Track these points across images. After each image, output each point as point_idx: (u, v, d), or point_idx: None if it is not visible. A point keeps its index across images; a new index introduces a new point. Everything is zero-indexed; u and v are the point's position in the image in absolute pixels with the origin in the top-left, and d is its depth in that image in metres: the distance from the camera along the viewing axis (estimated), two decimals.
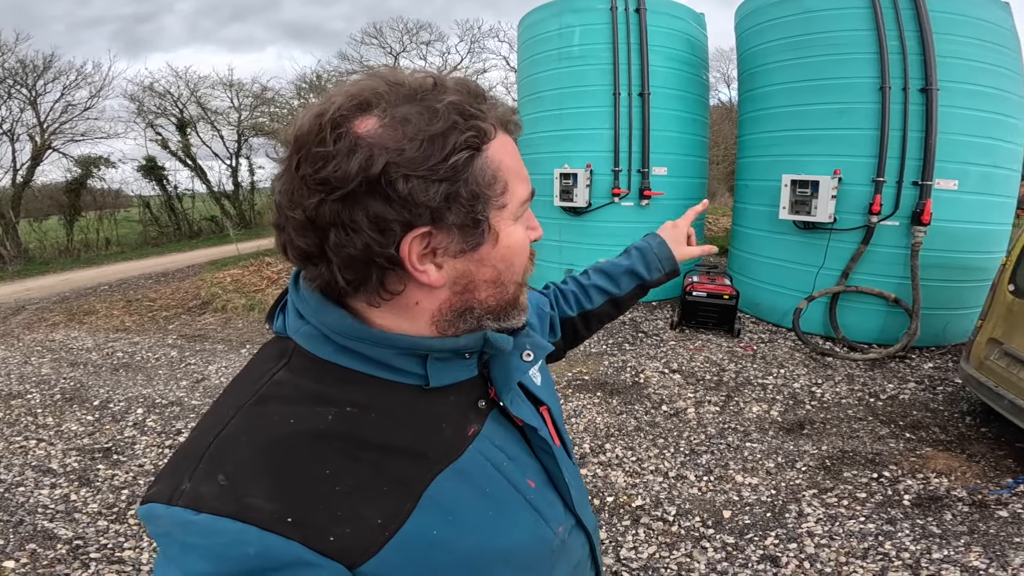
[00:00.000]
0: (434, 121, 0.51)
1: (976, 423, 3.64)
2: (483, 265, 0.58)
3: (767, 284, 5.76)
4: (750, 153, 5.96)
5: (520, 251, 0.62)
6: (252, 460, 0.51)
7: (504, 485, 0.63)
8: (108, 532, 2.68)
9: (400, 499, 0.54)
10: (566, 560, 0.71)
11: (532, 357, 0.67)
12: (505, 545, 0.60)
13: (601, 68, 6.07)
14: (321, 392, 0.56)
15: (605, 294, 1.08)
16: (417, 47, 21.33)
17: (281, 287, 8.57)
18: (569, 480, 0.73)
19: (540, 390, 0.77)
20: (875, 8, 4.71)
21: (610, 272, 1.10)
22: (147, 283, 9.13)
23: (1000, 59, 4.74)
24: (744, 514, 2.78)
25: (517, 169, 0.59)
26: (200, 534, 0.47)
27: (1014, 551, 2.42)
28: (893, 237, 4.90)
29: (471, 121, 0.53)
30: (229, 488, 0.49)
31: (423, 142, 0.51)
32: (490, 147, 0.55)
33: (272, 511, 0.48)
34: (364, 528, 0.51)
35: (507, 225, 0.59)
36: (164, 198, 16.44)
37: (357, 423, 0.55)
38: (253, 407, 0.55)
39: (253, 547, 0.46)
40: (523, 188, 0.60)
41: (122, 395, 4.38)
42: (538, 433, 0.69)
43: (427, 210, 0.52)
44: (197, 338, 6.07)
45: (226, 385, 0.64)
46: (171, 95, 16.10)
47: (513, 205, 0.59)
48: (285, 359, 0.59)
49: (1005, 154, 4.84)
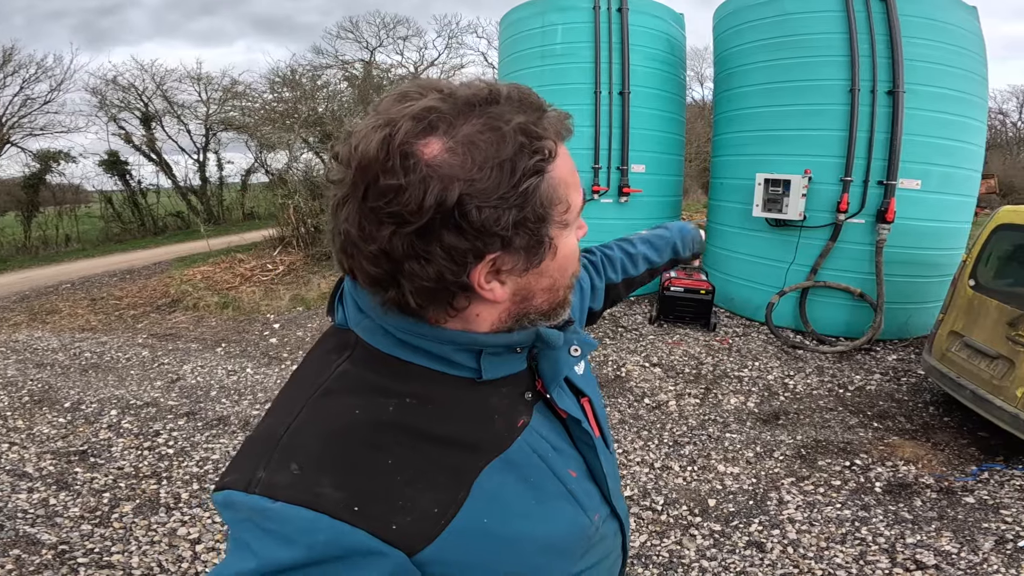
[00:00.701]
0: (503, 147, 0.51)
1: (939, 412, 3.84)
2: (542, 277, 0.60)
3: (741, 279, 5.92)
4: (725, 152, 6.11)
5: (574, 256, 0.63)
6: (321, 451, 0.53)
7: (548, 475, 0.65)
8: (93, 536, 2.63)
9: (454, 488, 0.56)
10: (600, 546, 0.74)
11: (579, 353, 0.69)
12: (546, 533, 0.63)
13: (583, 66, 6.13)
14: (382, 384, 0.59)
15: (649, 263, 1.16)
16: (394, 42, 21.07)
17: (255, 284, 8.41)
18: (607, 471, 0.76)
19: (582, 380, 0.79)
20: (848, 11, 4.85)
21: (656, 244, 1.18)
22: (112, 281, 8.84)
23: (964, 62, 4.95)
24: (728, 502, 2.88)
25: (574, 181, 0.60)
26: (276, 521, 0.49)
27: (983, 536, 2.55)
28: (859, 234, 5.09)
29: (536, 143, 0.53)
30: (301, 477, 0.51)
31: (493, 169, 0.50)
32: (554, 166, 0.56)
33: (339, 500, 0.50)
34: (423, 516, 0.53)
35: (564, 237, 0.60)
36: (127, 193, 15.89)
37: (416, 414, 0.58)
38: (320, 399, 0.57)
39: (323, 534, 0.49)
40: (579, 197, 0.61)
41: (94, 396, 4.25)
42: (580, 425, 0.71)
43: (498, 238, 0.53)
44: (169, 337, 5.91)
45: (290, 375, 0.66)
46: (136, 89, 15.57)
47: (571, 216, 0.60)
48: (348, 352, 0.61)
49: (966, 155, 5.07)
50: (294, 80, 11.52)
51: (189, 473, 3.18)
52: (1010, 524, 2.63)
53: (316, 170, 10.19)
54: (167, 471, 3.20)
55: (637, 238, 1.19)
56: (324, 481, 0.51)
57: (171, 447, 3.47)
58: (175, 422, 3.81)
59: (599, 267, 1.11)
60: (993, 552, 2.44)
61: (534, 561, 0.61)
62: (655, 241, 1.19)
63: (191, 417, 3.88)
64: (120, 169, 15.74)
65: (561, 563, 0.65)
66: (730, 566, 2.42)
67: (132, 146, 15.97)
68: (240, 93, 15.83)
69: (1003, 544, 2.49)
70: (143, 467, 3.24)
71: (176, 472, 3.19)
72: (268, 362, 5.03)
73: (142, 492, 2.99)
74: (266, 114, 11.12)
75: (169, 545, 2.58)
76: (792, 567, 2.40)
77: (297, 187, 9.51)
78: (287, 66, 15.44)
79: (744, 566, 2.42)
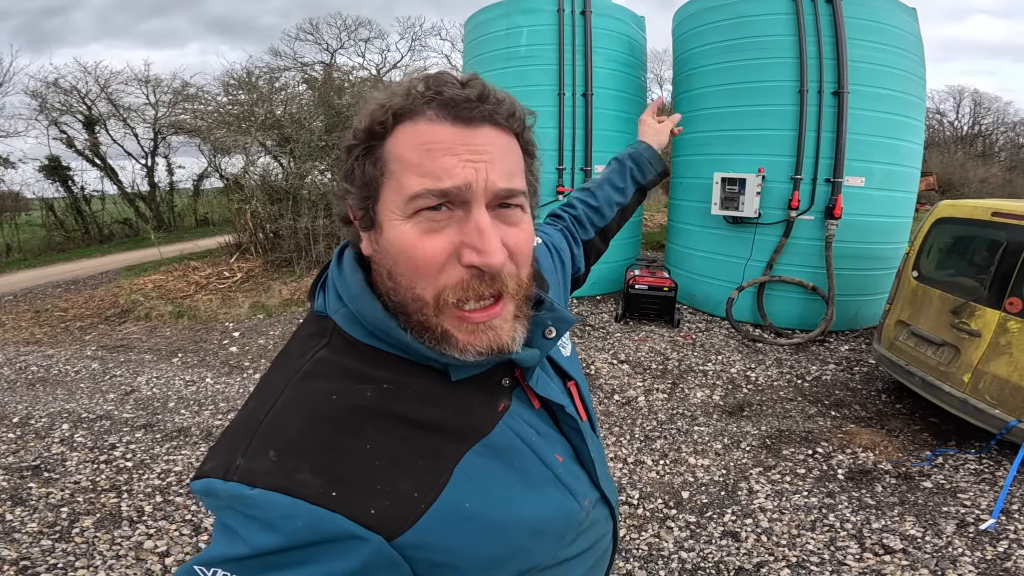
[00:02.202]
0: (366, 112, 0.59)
1: (892, 400, 4.03)
2: (379, 252, 0.61)
3: (702, 276, 6.09)
4: (684, 152, 6.27)
5: (404, 253, 0.57)
6: (299, 436, 0.54)
7: (533, 460, 0.65)
8: (55, 552, 2.52)
9: (434, 473, 0.56)
10: (592, 531, 0.74)
11: (555, 333, 0.68)
12: (534, 517, 0.63)
13: (547, 68, 6.20)
14: (359, 370, 0.59)
15: (616, 205, 1.16)
16: (355, 44, 20.77)
17: (211, 292, 8.12)
18: (594, 455, 0.76)
19: (567, 362, 0.78)
20: (798, 14, 5.07)
21: (615, 182, 1.17)
22: (56, 292, 8.39)
23: (905, 63, 5.23)
24: (701, 494, 2.95)
25: (416, 162, 0.56)
26: (255, 507, 0.50)
27: (944, 519, 2.67)
28: (810, 230, 5.31)
29: (378, 113, 0.58)
30: (279, 464, 0.51)
31: (356, 130, 0.60)
32: (394, 135, 0.58)
33: (318, 485, 0.51)
34: (402, 501, 0.53)
35: (390, 218, 0.58)
36: (70, 200, 15.11)
37: (394, 399, 0.58)
38: (299, 384, 0.58)
39: (302, 520, 0.49)
40: (414, 182, 0.55)
41: (43, 411, 4.03)
42: (565, 411, 0.71)
43: (347, 182, 0.62)
44: (120, 348, 5.66)
45: (274, 358, 0.67)
46: (78, 91, 14.81)
47: (397, 199, 0.57)
48: (326, 339, 0.62)
49: (906, 153, 5.37)
50: (250, 82, 11.18)
51: (151, 486, 3.05)
52: (969, 508, 2.75)
53: (274, 174, 9.91)
54: (127, 484, 3.07)
55: (596, 184, 1.18)
56: (302, 467, 0.51)
57: (129, 460, 3.33)
58: (132, 435, 3.65)
59: (573, 232, 1.11)
60: (956, 535, 2.55)
61: (520, 545, 0.61)
62: (615, 179, 1.18)
63: (149, 429, 3.73)
64: (62, 175, 14.95)
65: (550, 548, 0.65)
66: (708, 556, 2.48)
67: (74, 151, 15.20)
68: (192, 96, 15.28)
69: (965, 527, 2.60)
70: (101, 481, 3.11)
71: (137, 485, 3.06)
72: (229, 371, 4.87)
73: (102, 506, 2.87)
74: (220, 117, 10.75)
75: (136, 559, 2.49)
76: (768, 555, 2.47)
77: (254, 191, 9.21)
78: (243, 68, 15.00)
79: (722, 555, 2.48)
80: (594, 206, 1.14)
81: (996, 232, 3.32)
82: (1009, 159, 25.51)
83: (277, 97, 10.66)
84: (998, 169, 21.73)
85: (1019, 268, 3.09)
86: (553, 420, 0.72)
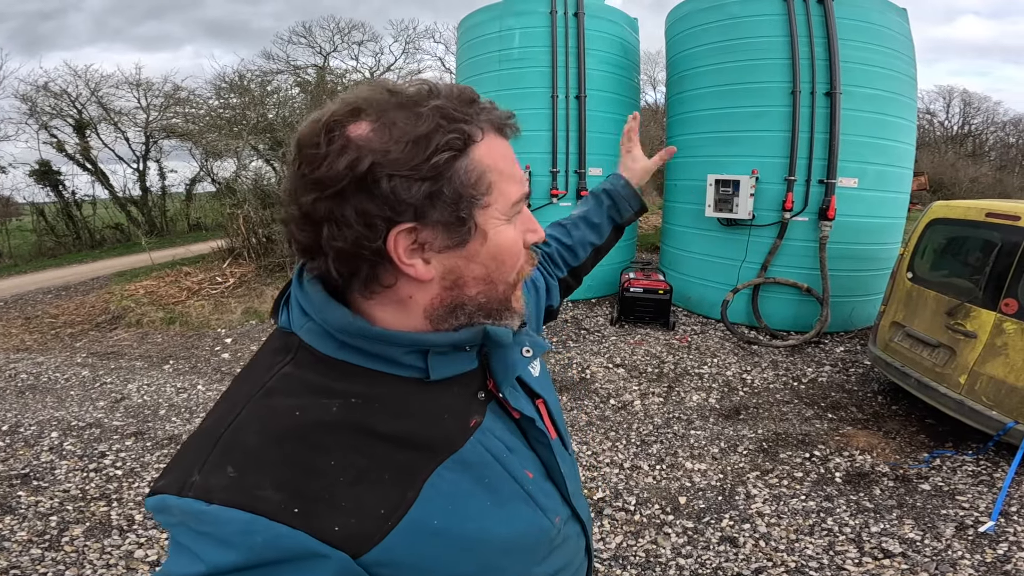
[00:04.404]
0: (419, 124, 0.54)
1: (887, 401, 4.03)
2: (472, 262, 0.61)
3: (696, 278, 6.08)
4: (678, 154, 6.24)
5: (511, 251, 0.63)
6: (259, 451, 0.52)
7: (503, 476, 0.65)
8: (45, 560, 2.50)
9: (402, 489, 0.56)
10: (563, 549, 0.73)
11: (531, 353, 0.69)
12: (504, 534, 0.62)
13: (540, 71, 6.19)
14: (325, 385, 0.58)
15: (590, 245, 1.15)
16: (348, 47, 20.72)
17: (203, 297, 8.06)
18: (565, 472, 0.75)
19: (537, 382, 0.79)
20: (789, 15, 5.07)
21: (591, 221, 1.15)
22: (46, 298, 8.31)
23: (895, 63, 5.24)
24: (698, 499, 2.93)
25: (507, 171, 0.61)
26: (211, 523, 0.48)
27: (943, 522, 2.66)
28: (804, 231, 5.32)
29: (455, 124, 0.56)
30: (238, 479, 0.50)
31: (407, 144, 0.54)
32: (476, 149, 0.58)
33: (278, 501, 0.49)
34: (367, 518, 0.53)
35: (496, 224, 0.61)
36: (61, 205, 14.97)
37: (361, 413, 0.57)
38: (261, 399, 0.56)
39: (261, 536, 0.48)
40: (514, 189, 0.62)
41: (32, 419, 3.98)
42: (535, 425, 0.71)
43: (410, 207, 0.55)
44: (111, 355, 5.59)
45: (235, 377, 0.64)
46: (68, 95, 14.69)
47: (501, 205, 0.61)
48: (291, 354, 0.60)
49: (898, 153, 5.38)
50: (242, 86, 11.12)
51: (141, 494, 3.02)
52: (968, 510, 2.74)
53: (266, 178, 9.85)
54: (117, 493, 3.04)
55: (571, 222, 1.16)
56: (263, 483, 0.50)
57: (119, 468, 3.29)
58: (122, 443, 3.60)
59: (546, 267, 1.10)
60: (956, 538, 2.54)
61: (491, 562, 0.61)
62: (591, 216, 1.15)
63: (139, 437, 3.68)
64: (53, 179, 14.82)
65: (522, 565, 0.65)
66: (706, 562, 2.46)
67: (65, 155, 15.08)
68: (183, 99, 15.19)
69: (964, 530, 2.59)
70: (90, 489, 3.07)
71: (127, 494, 3.03)
72: (221, 378, 4.82)
73: (92, 515, 2.84)
74: (212, 120, 10.68)
75: (127, 568, 2.46)
76: (766, 560, 2.45)
77: (247, 196, 9.16)
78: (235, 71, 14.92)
79: (720, 562, 2.46)
80: (568, 245, 1.13)
81: (990, 233, 3.33)
82: (999, 158, 25.75)
83: (269, 100, 10.63)
84: (988, 169, 21.93)
85: (1014, 269, 3.09)
86: (523, 435, 0.72)
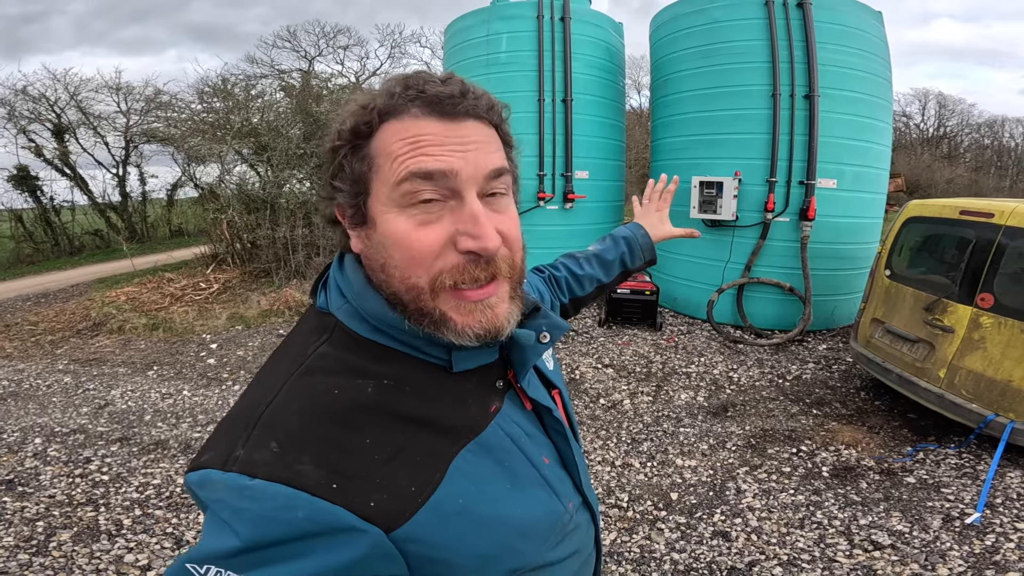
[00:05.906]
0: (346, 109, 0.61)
1: (870, 397, 4.11)
2: (374, 248, 0.61)
3: (682, 279, 6.15)
4: (663, 156, 6.35)
5: (402, 245, 0.58)
6: (300, 429, 0.54)
7: (522, 460, 0.67)
8: (33, 566, 2.47)
9: (431, 469, 0.57)
10: (574, 536, 0.75)
11: (548, 339, 0.70)
12: (521, 517, 0.63)
13: (527, 74, 6.24)
14: (361, 365, 0.60)
15: (597, 282, 1.17)
16: (334, 51, 20.61)
17: (187, 304, 7.96)
18: (577, 460, 0.78)
19: (552, 374, 0.81)
20: (770, 19, 5.18)
21: (604, 260, 1.18)
22: (25, 305, 8.15)
23: (872, 66, 5.37)
24: (690, 495, 2.97)
25: (398, 152, 0.57)
26: (253, 499, 0.49)
27: (930, 514, 2.72)
28: (785, 232, 5.42)
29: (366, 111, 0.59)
30: (280, 455, 0.51)
31: (338, 129, 0.61)
32: (380, 132, 0.59)
33: (319, 477, 0.51)
34: (400, 495, 0.54)
35: (382, 212, 0.59)
36: (39, 211, 14.66)
37: (393, 395, 0.59)
38: (301, 378, 0.58)
39: (302, 511, 0.49)
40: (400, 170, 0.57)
41: (14, 425, 3.91)
42: (552, 414, 0.73)
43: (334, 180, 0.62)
44: (92, 362, 5.50)
45: (271, 354, 0.66)
46: (47, 99, 14.41)
47: (385, 190, 0.58)
48: (327, 334, 0.63)
49: (875, 155, 5.51)
50: (225, 90, 11.00)
51: (129, 499, 2.98)
52: (953, 502, 2.80)
53: (250, 183, 9.75)
54: (104, 498, 3.00)
55: (585, 256, 1.19)
56: (303, 459, 0.52)
57: (105, 474, 3.24)
58: (107, 448, 3.56)
59: (552, 286, 1.13)
60: (943, 530, 2.60)
61: (509, 544, 0.62)
62: (605, 256, 1.19)
63: (125, 442, 3.63)
64: (31, 185, 14.49)
65: (536, 548, 0.66)
66: (700, 557, 2.49)
67: (43, 160, 14.76)
68: (165, 103, 14.97)
69: (951, 522, 2.65)
70: (77, 495, 3.03)
71: (114, 499, 2.99)
72: (207, 383, 4.77)
73: (79, 520, 2.81)
74: (194, 125, 10.56)
75: (117, 573, 2.44)
76: (759, 553, 2.49)
77: (230, 201, 9.05)
78: (218, 75, 14.75)
79: (713, 556, 2.50)
80: (578, 275, 1.16)
81: (965, 230, 3.42)
82: (974, 160, 26.38)
83: (253, 105, 10.51)
84: (964, 170, 22.46)
85: (989, 264, 3.19)
86: (540, 423, 0.74)
